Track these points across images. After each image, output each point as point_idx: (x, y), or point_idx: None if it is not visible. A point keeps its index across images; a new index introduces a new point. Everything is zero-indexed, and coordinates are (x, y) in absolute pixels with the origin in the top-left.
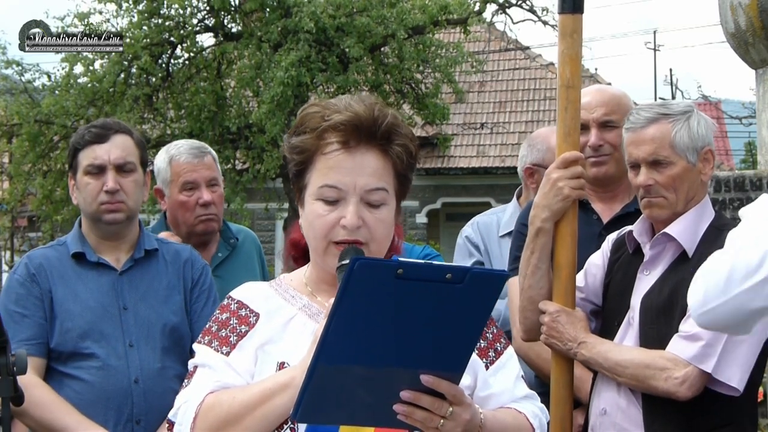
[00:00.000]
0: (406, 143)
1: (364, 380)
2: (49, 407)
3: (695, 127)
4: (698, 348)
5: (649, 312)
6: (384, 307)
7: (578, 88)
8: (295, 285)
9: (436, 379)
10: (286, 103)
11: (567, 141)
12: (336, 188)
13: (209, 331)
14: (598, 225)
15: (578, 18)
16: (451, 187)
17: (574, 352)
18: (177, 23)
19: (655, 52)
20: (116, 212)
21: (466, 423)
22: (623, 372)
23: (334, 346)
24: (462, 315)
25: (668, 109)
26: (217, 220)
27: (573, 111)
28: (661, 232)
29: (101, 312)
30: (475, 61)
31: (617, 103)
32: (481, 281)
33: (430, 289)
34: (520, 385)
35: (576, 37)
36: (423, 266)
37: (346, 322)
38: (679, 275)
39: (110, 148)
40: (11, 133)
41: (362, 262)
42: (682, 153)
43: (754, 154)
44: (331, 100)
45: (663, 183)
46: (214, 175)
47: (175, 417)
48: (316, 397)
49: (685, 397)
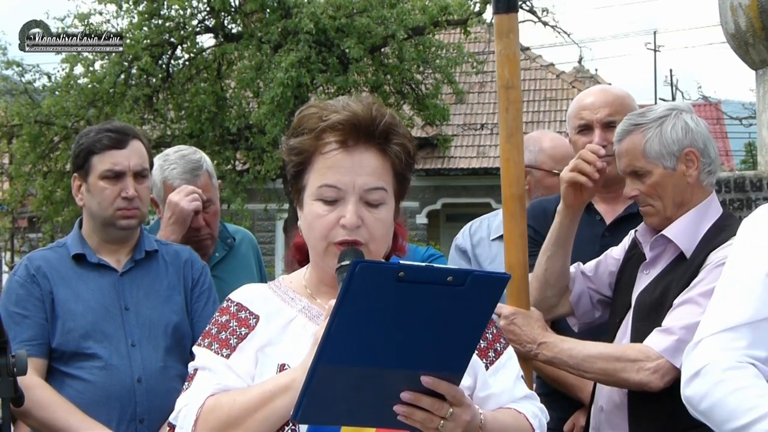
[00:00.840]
0: (404, 143)
1: (365, 381)
2: (52, 407)
3: (669, 131)
4: (671, 342)
5: (641, 309)
6: (385, 309)
7: (518, 87)
8: (294, 287)
9: (437, 380)
10: (286, 103)
11: (510, 142)
12: (335, 188)
13: (209, 333)
14: (601, 226)
15: (513, 17)
16: (451, 188)
17: (534, 353)
18: (177, 24)
19: (655, 53)
20: (131, 218)
21: (466, 424)
22: (591, 367)
23: (335, 347)
24: (463, 317)
25: (643, 117)
26: (211, 238)
27: (514, 111)
28: (660, 234)
29: (103, 312)
30: (475, 61)
31: (621, 104)
32: (483, 284)
33: (431, 291)
34: (519, 386)
35: (512, 36)
36: (424, 269)
37: (347, 324)
38: (673, 275)
39: (130, 155)
40: (11, 134)
41: (363, 264)
42: (656, 160)
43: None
44: (328, 101)
45: (646, 192)
46: (208, 196)
47: (176, 420)
48: (317, 398)
49: (658, 387)
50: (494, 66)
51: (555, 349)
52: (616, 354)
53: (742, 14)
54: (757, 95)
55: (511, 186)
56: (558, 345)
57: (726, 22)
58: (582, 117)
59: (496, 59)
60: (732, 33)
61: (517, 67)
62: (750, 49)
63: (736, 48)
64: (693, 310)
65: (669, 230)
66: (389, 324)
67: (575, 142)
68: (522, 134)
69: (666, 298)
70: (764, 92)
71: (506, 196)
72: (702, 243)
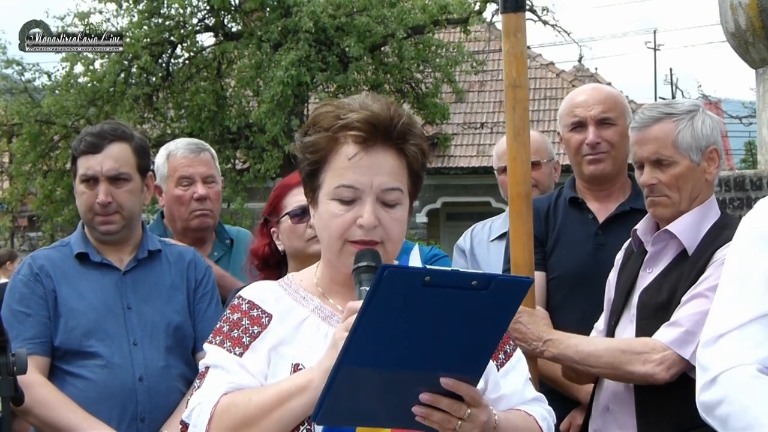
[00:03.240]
0: (420, 143)
1: (385, 383)
2: (54, 405)
3: (699, 126)
4: (678, 333)
5: (647, 308)
6: (410, 313)
7: (525, 87)
8: (305, 285)
9: (456, 381)
10: (286, 102)
11: (517, 140)
12: (353, 188)
13: (220, 331)
14: (594, 224)
15: (521, 16)
16: (451, 187)
17: (540, 350)
18: (177, 23)
19: (655, 52)
20: (109, 224)
21: (483, 425)
22: (597, 362)
23: (359, 349)
24: (485, 320)
25: (673, 108)
26: (212, 216)
27: (521, 110)
28: (663, 229)
29: (105, 311)
30: (475, 60)
31: (614, 101)
32: (506, 288)
33: (455, 295)
34: (529, 388)
35: (520, 36)
36: (450, 273)
37: (372, 327)
38: (678, 274)
39: (103, 160)
40: (11, 133)
41: (392, 269)
42: (684, 152)
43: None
44: (343, 100)
45: (666, 182)
46: (210, 172)
47: (189, 419)
48: (337, 400)
49: (663, 379)
50: (494, 65)
51: (561, 346)
52: (621, 347)
53: (742, 13)
54: (757, 94)
55: (518, 184)
56: (564, 341)
57: (726, 21)
58: (575, 114)
59: (504, 58)
60: (732, 32)
61: (524, 66)
62: (750, 47)
63: (736, 47)
64: (701, 303)
65: (674, 226)
66: (413, 327)
67: (568, 140)
68: (529, 133)
69: (674, 297)
70: (764, 91)
71: (513, 195)
72: (704, 241)
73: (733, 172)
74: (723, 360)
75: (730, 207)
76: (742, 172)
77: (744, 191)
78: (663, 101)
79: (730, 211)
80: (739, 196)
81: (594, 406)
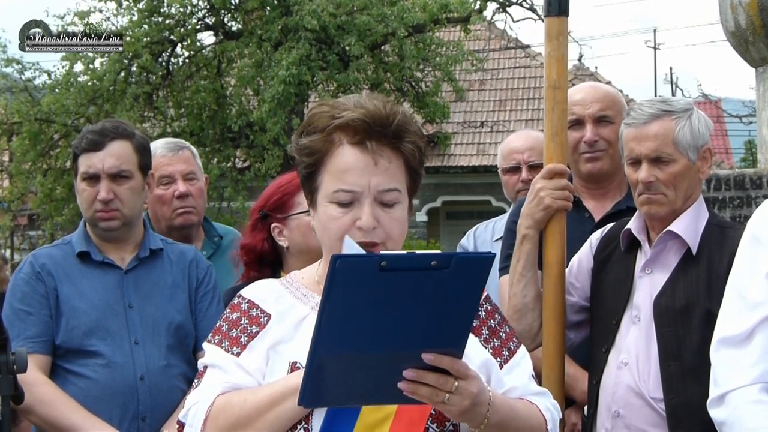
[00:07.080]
0: (416, 140)
1: (366, 364)
2: (55, 404)
3: (696, 125)
4: None
5: (666, 314)
6: (372, 298)
7: (565, 89)
8: (306, 283)
9: (438, 355)
10: (287, 101)
11: (554, 141)
12: (351, 192)
13: (219, 330)
14: (590, 223)
15: (564, 20)
16: (451, 186)
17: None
18: (177, 21)
19: (655, 51)
20: (110, 220)
21: (474, 396)
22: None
23: (329, 339)
24: (453, 297)
25: (671, 105)
26: (195, 213)
27: (560, 111)
28: (666, 230)
29: (107, 310)
30: (476, 59)
31: (612, 100)
32: (468, 265)
33: (417, 276)
34: (533, 383)
35: (562, 39)
36: (406, 256)
37: (336, 317)
38: (690, 277)
39: (104, 157)
40: (11, 132)
41: (343, 259)
42: (683, 151)
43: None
44: (338, 99)
45: (664, 180)
46: (191, 169)
47: (186, 418)
48: (321, 383)
49: None
50: (494, 64)
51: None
52: None
53: (742, 12)
54: (757, 93)
55: None
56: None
57: (726, 20)
58: (573, 112)
59: (545, 60)
60: (732, 31)
61: (565, 69)
62: (750, 46)
63: (736, 46)
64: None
65: (675, 226)
66: (379, 312)
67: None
68: (566, 134)
69: (693, 302)
70: (764, 90)
71: None
72: (704, 240)
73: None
74: (728, 377)
75: (731, 206)
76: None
77: (744, 190)
78: (657, 98)
79: (730, 210)
80: (739, 194)
81: (598, 409)
